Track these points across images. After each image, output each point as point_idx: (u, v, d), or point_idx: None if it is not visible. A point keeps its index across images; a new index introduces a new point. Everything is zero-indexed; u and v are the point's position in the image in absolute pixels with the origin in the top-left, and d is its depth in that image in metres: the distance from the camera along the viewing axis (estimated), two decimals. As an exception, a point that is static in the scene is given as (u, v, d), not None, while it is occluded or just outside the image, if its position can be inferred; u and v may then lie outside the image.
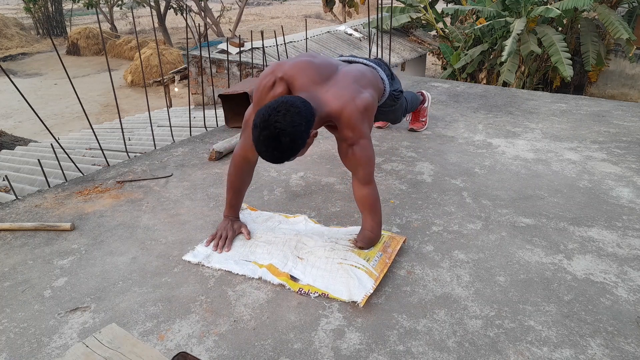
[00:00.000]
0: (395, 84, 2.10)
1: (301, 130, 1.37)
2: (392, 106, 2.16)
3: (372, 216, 1.63)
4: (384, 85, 1.97)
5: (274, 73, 1.60)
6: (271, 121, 1.34)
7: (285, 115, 1.34)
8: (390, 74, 2.07)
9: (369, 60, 1.98)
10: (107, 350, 0.93)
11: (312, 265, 1.56)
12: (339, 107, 1.53)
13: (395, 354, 1.25)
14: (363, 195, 1.61)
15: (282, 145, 1.36)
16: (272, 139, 1.35)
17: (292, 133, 1.35)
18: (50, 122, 10.37)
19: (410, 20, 9.79)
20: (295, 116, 1.36)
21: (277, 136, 1.34)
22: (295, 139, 1.37)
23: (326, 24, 19.07)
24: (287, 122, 1.34)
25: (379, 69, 1.96)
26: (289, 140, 1.35)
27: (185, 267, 1.62)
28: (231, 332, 1.34)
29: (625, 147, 2.61)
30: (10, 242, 1.80)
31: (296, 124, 1.36)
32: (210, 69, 5.25)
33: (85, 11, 23.44)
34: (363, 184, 1.60)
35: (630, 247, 1.70)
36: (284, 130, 1.34)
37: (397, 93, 2.09)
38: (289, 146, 1.37)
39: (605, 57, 8.96)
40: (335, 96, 1.55)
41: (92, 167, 3.03)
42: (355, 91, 1.58)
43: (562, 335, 1.31)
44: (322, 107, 1.51)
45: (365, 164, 1.57)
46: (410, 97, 2.59)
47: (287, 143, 1.36)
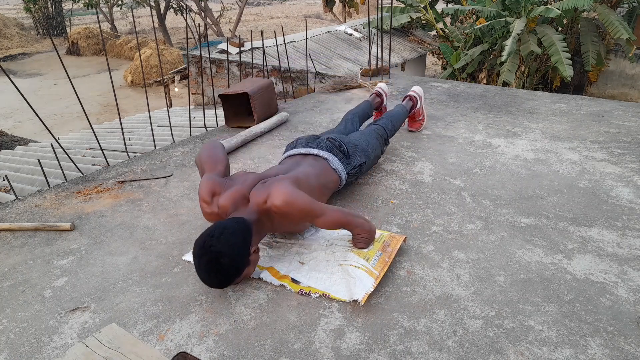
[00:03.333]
0: (352, 160, 2.02)
1: (239, 247, 1.41)
2: (357, 174, 2.08)
3: (353, 225, 1.62)
4: (337, 174, 1.93)
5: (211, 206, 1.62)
6: (207, 246, 1.38)
7: (220, 238, 1.39)
8: (345, 154, 1.99)
9: (320, 147, 1.95)
10: (107, 350, 0.93)
11: (313, 269, 1.57)
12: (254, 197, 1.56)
13: (395, 354, 1.25)
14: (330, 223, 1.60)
15: (223, 268, 1.39)
16: (212, 263, 1.38)
17: (230, 253, 1.39)
18: (50, 122, 10.36)
19: (410, 20, 9.78)
20: (230, 236, 1.40)
21: (216, 259, 1.37)
22: (234, 259, 1.40)
23: (326, 24, 19.08)
24: (223, 243, 1.38)
25: (330, 158, 1.92)
26: (228, 260, 1.39)
27: (185, 267, 1.62)
28: (231, 332, 1.34)
29: (625, 147, 2.61)
30: (10, 242, 1.80)
31: (232, 243, 1.40)
32: (210, 69, 5.25)
33: (85, 11, 23.44)
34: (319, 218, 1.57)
35: (630, 247, 1.70)
36: (221, 252, 1.38)
37: (356, 169, 2.03)
38: (231, 267, 1.40)
39: (605, 57, 8.96)
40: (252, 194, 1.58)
41: (92, 167, 3.03)
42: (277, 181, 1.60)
43: (562, 335, 1.31)
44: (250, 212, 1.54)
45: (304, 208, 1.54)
46: (392, 120, 2.47)
47: (228, 264, 1.39)
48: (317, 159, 1.91)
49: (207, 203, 1.62)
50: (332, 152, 1.96)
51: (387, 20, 8.64)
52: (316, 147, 1.97)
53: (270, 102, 3.20)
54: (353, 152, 2.04)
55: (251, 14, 27.21)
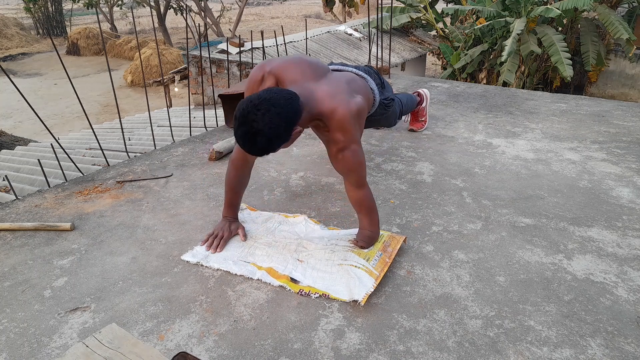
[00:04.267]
0: (385, 92, 2.06)
1: (279, 132, 1.33)
2: (383, 114, 2.13)
3: (369, 216, 1.63)
4: (373, 95, 1.92)
5: (262, 68, 1.59)
6: (249, 119, 1.30)
7: (264, 116, 1.30)
8: (381, 82, 2.03)
9: (359, 68, 1.95)
10: (107, 350, 0.93)
11: (313, 268, 1.56)
12: (332, 107, 1.48)
13: (395, 354, 1.25)
14: (359, 198, 1.60)
15: (258, 144, 1.33)
16: (248, 136, 1.32)
17: (268, 134, 1.31)
18: (50, 122, 10.36)
19: (410, 20, 9.79)
20: (274, 117, 1.31)
21: (254, 135, 1.31)
22: (272, 140, 1.33)
23: (326, 24, 19.08)
24: (265, 122, 1.30)
25: (369, 78, 1.92)
26: (265, 140, 1.32)
27: (185, 267, 1.62)
28: (231, 332, 1.34)
29: (625, 147, 2.61)
30: (10, 242, 1.80)
31: (274, 126, 1.31)
32: (210, 69, 5.25)
33: (85, 11, 23.44)
34: (357, 187, 1.59)
35: (630, 247, 1.70)
36: (260, 130, 1.30)
37: (387, 101, 2.05)
38: (266, 145, 1.34)
39: (605, 57, 8.96)
40: (328, 94, 1.50)
41: (92, 167, 3.03)
42: (348, 93, 1.55)
43: (562, 335, 1.31)
44: (313, 103, 1.46)
45: (358, 169, 1.55)
46: (406, 98, 2.56)
47: (263, 142, 1.33)
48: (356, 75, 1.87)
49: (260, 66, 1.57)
50: (370, 75, 1.96)
51: (387, 20, 8.64)
52: (354, 67, 1.95)
53: (270, 102, 3.19)
54: (387, 86, 2.09)
55: (251, 14, 27.21)
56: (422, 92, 2.85)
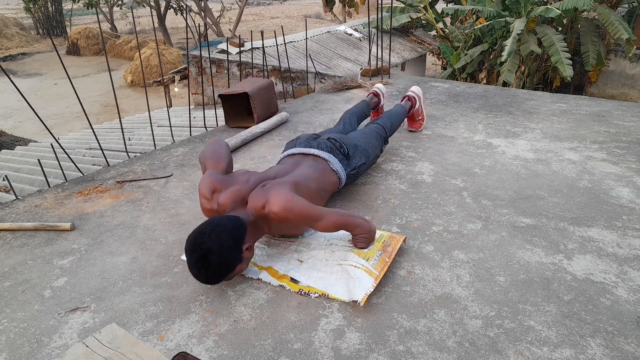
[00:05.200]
0: (352, 161, 2.01)
1: (229, 246, 1.41)
2: (357, 176, 2.09)
3: (352, 226, 1.62)
4: (337, 175, 1.93)
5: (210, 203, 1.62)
6: (197, 243, 1.39)
7: (211, 235, 1.39)
8: (346, 155, 1.99)
9: (321, 147, 1.95)
10: (107, 350, 0.93)
11: (312, 268, 1.56)
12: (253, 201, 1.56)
13: (395, 354, 1.25)
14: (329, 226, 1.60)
15: (212, 265, 1.38)
16: (201, 260, 1.38)
17: (219, 251, 1.38)
18: (50, 122, 10.36)
19: (410, 20, 9.78)
20: (221, 234, 1.40)
21: (206, 256, 1.37)
22: (224, 256, 1.39)
23: (326, 24, 19.08)
24: (213, 241, 1.38)
25: (331, 159, 1.92)
26: (217, 258, 1.38)
27: (185, 267, 1.62)
28: (231, 332, 1.34)
29: (625, 147, 2.61)
30: (10, 242, 1.80)
31: (223, 241, 1.39)
32: (210, 69, 5.25)
33: (85, 11, 23.45)
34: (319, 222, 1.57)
35: (630, 247, 1.70)
36: (211, 249, 1.37)
37: (355, 170, 2.02)
38: (221, 264, 1.39)
39: (605, 57, 8.96)
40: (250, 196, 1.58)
41: (92, 167, 3.03)
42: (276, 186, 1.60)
43: (562, 335, 1.31)
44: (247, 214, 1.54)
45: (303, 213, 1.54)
46: (391, 119, 2.46)
47: (217, 261, 1.38)
48: (317, 160, 1.91)
49: (207, 199, 1.62)
50: (333, 152, 1.95)
51: (387, 20, 8.64)
52: (317, 147, 1.96)
53: (270, 102, 3.20)
54: (353, 153, 2.04)
55: (251, 14, 27.21)
56: (412, 94, 2.76)
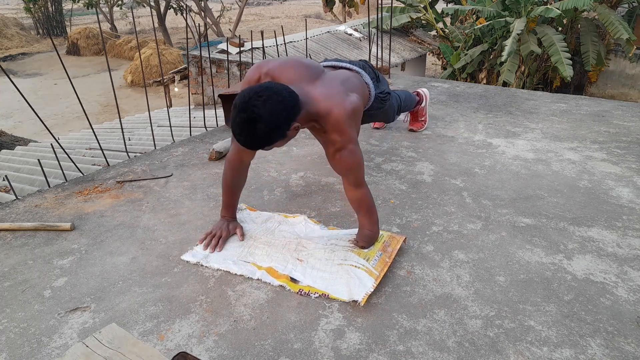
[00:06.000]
0: (381, 86, 2.05)
1: (280, 120, 1.31)
2: (379, 108, 2.10)
3: (368, 215, 1.63)
4: (369, 89, 1.92)
5: (259, 68, 1.58)
6: (250, 104, 1.28)
7: (266, 102, 1.28)
8: (376, 77, 2.02)
9: (353, 64, 1.94)
10: (107, 350, 0.93)
11: (312, 267, 1.56)
12: (328, 108, 1.47)
13: (395, 354, 1.25)
14: (358, 198, 1.60)
15: (256, 132, 1.30)
16: (247, 123, 1.29)
17: (269, 121, 1.29)
18: (50, 122, 10.36)
19: (410, 20, 9.79)
20: (276, 104, 1.29)
21: (253, 121, 1.28)
22: (271, 128, 1.31)
23: (326, 24, 19.08)
24: (267, 109, 1.28)
25: (363, 73, 1.92)
26: (264, 128, 1.29)
27: (185, 267, 1.62)
28: (231, 332, 1.34)
29: (625, 147, 2.61)
30: (10, 242, 1.80)
31: (275, 113, 1.29)
32: (210, 69, 5.25)
33: (85, 11, 23.44)
34: (355, 187, 1.58)
35: (630, 247, 1.70)
36: (261, 116, 1.28)
37: (383, 95, 2.04)
38: (264, 134, 1.31)
39: (605, 57, 8.96)
40: (323, 95, 1.49)
41: (92, 167, 3.03)
42: (343, 93, 1.55)
43: (562, 335, 1.31)
44: (309, 104, 1.45)
45: (356, 168, 1.55)
46: (405, 95, 2.55)
47: (262, 131, 1.30)
48: (351, 71, 1.87)
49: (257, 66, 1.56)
50: (365, 70, 1.95)
51: (387, 20, 8.64)
52: (349, 62, 1.95)
53: (270, 102, 3.19)
54: (382, 80, 2.06)
55: (251, 14, 27.21)
56: (421, 91, 2.83)
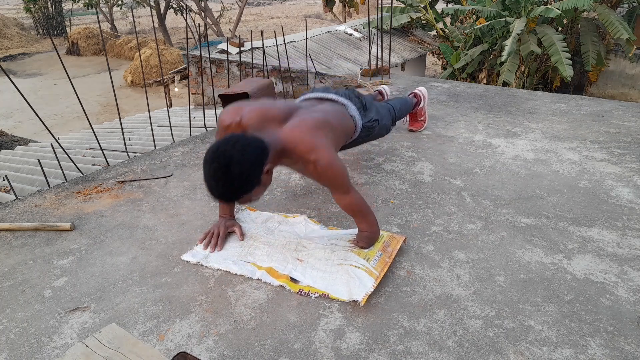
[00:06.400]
0: (369, 113, 2.04)
1: (252, 160, 1.35)
2: (368, 135, 2.10)
3: (364, 218, 1.63)
4: (354, 121, 1.92)
5: (231, 117, 1.60)
6: (219, 153, 1.33)
7: (235, 145, 1.33)
8: (363, 105, 2.01)
9: (339, 94, 1.95)
10: (107, 350, 0.93)
11: (312, 267, 1.56)
12: (292, 137, 1.52)
13: (395, 354, 1.25)
14: (349, 204, 1.61)
15: (232, 177, 1.32)
16: (221, 170, 1.31)
17: (242, 162, 1.32)
18: (50, 122, 10.36)
19: (410, 20, 9.78)
20: (245, 146, 1.34)
21: (227, 166, 1.31)
22: (246, 170, 1.33)
23: (326, 24, 19.07)
24: (237, 151, 1.32)
25: (349, 105, 1.92)
26: (238, 170, 1.31)
27: (185, 267, 1.62)
28: (231, 332, 1.34)
29: (625, 147, 2.61)
30: (10, 242, 1.80)
31: (246, 153, 1.33)
32: (210, 69, 5.25)
33: (85, 11, 23.44)
34: (343, 194, 1.59)
35: (630, 247, 1.70)
36: (233, 158, 1.31)
37: (370, 123, 2.03)
38: (240, 178, 1.33)
39: (605, 57, 8.95)
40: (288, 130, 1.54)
41: (92, 167, 3.03)
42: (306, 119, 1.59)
43: (562, 335, 1.31)
44: (276, 143, 1.50)
45: (339, 177, 1.55)
46: (400, 104, 2.50)
47: (238, 174, 1.32)
48: (335, 104, 1.90)
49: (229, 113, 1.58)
50: (351, 100, 1.96)
51: (387, 20, 8.64)
52: (335, 93, 1.96)
53: (270, 102, 3.19)
54: (369, 107, 2.06)
55: (251, 14, 27.21)
56: (418, 92, 2.79)
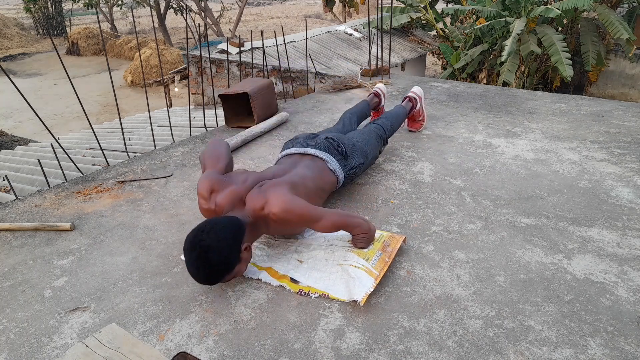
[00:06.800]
0: (350, 161, 2.01)
1: (229, 244, 1.40)
2: (354, 176, 2.08)
3: (351, 226, 1.63)
4: (335, 175, 1.92)
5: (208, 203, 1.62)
6: (196, 241, 1.38)
7: (210, 233, 1.39)
8: (342, 155, 1.98)
9: (318, 147, 1.95)
10: (107, 350, 0.93)
11: (312, 268, 1.56)
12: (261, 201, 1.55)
13: (395, 354, 1.25)
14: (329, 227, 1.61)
15: (212, 263, 1.38)
16: (200, 258, 1.37)
17: (219, 248, 1.38)
18: (50, 122, 10.36)
19: (410, 20, 9.78)
20: (220, 232, 1.40)
21: (205, 253, 1.37)
22: (224, 254, 1.39)
23: (326, 24, 19.08)
24: (212, 238, 1.38)
25: (329, 159, 1.92)
26: (216, 255, 1.38)
27: (185, 267, 1.62)
28: (231, 332, 1.34)
29: (625, 147, 2.61)
30: (10, 242, 1.80)
31: (221, 239, 1.39)
32: (210, 69, 5.25)
33: (85, 11, 23.45)
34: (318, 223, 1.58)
35: (630, 247, 1.70)
36: (210, 246, 1.37)
37: (353, 170, 2.02)
38: (220, 263, 1.39)
39: (605, 57, 8.95)
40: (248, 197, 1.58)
41: (92, 167, 3.03)
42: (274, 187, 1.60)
43: (562, 335, 1.31)
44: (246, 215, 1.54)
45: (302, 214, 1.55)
46: (391, 121, 2.46)
47: (216, 259, 1.38)
48: (315, 160, 1.91)
49: (204, 199, 1.62)
50: (330, 152, 1.95)
51: (387, 20, 8.64)
52: (314, 147, 1.96)
53: (270, 102, 3.20)
54: (351, 153, 2.03)
55: (251, 14, 27.21)
56: (413, 95, 2.75)
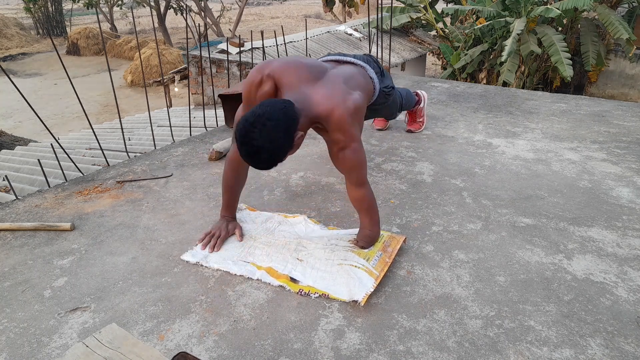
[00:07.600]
0: (385, 80, 2.05)
1: (280, 143, 1.37)
2: (384, 103, 2.10)
3: (369, 215, 1.63)
4: (373, 84, 1.92)
5: (261, 70, 1.59)
6: (248, 138, 1.34)
7: (262, 131, 1.33)
8: (380, 71, 2.03)
9: (357, 58, 1.94)
10: (107, 350, 0.93)
11: (312, 267, 1.56)
12: (329, 109, 1.50)
13: (395, 354, 1.25)
14: (359, 197, 1.61)
15: (263, 159, 1.37)
16: (252, 154, 1.36)
17: (270, 149, 1.35)
18: (50, 122, 10.36)
19: (410, 20, 9.79)
20: (272, 131, 1.34)
21: (257, 153, 1.35)
22: (275, 153, 1.37)
23: (326, 24, 19.08)
24: (264, 138, 1.34)
25: (368, 67, 1.91)
26: (267, 155, 1.36)
27: (185, 267, 1.62)
28: (231, 332, 1.34)
29: (625, 147, 2.61)
30: (10, 242, 1.80)
31: (273, 139, 1.35)
32: (210, 69, 5.25)
33: (85, 11, 23.44)
34: (357, 186, 1.59)
35: (630, 247, 1.70)
36: (261, 147, 1.34)
37: (388, 90, 2.04)
38: (270, 159, 1.38)
39: (605, 57, 8.96)
40: (324, 97, 1.52)
41: (92, 167, 3.03)
42: (345, 92, 1.56)
43: (562, 335, 1.31)
44: (310, 108, 1.49)
45: (358, 167, 1.56)
46: (405, 93, 2.57)
47: (268, 158, 1.36)
48: (355, 66, 1.88)
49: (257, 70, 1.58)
50: (369, 64, 1.95)
51: (387, 20, 8.64)
52: (353, 57, 1.95)
53: (270, 102, 3.19)
54: (387, 75, 2.07)
55: (251, 14, 27.21)
56: (420, 92, 2.84)
